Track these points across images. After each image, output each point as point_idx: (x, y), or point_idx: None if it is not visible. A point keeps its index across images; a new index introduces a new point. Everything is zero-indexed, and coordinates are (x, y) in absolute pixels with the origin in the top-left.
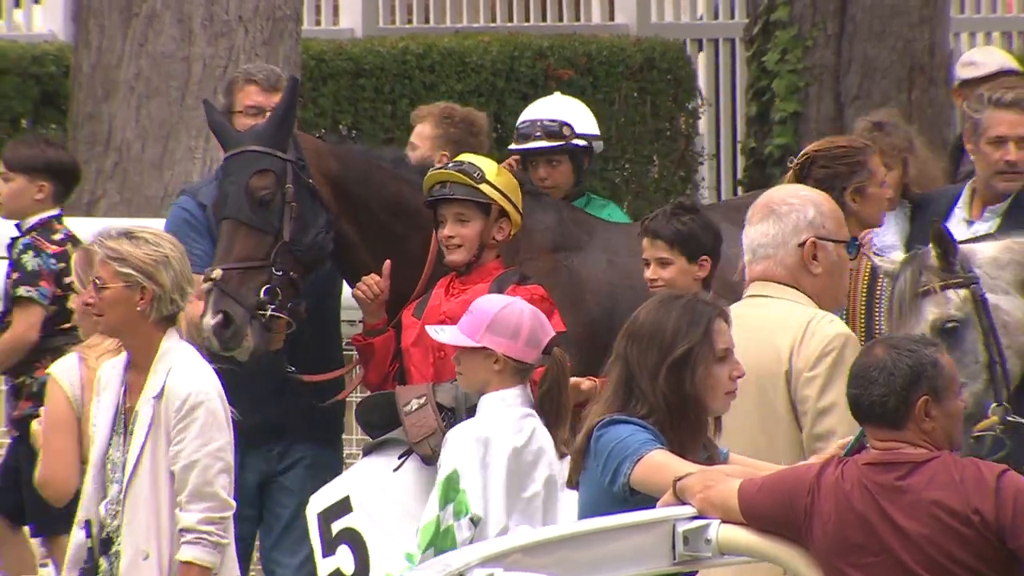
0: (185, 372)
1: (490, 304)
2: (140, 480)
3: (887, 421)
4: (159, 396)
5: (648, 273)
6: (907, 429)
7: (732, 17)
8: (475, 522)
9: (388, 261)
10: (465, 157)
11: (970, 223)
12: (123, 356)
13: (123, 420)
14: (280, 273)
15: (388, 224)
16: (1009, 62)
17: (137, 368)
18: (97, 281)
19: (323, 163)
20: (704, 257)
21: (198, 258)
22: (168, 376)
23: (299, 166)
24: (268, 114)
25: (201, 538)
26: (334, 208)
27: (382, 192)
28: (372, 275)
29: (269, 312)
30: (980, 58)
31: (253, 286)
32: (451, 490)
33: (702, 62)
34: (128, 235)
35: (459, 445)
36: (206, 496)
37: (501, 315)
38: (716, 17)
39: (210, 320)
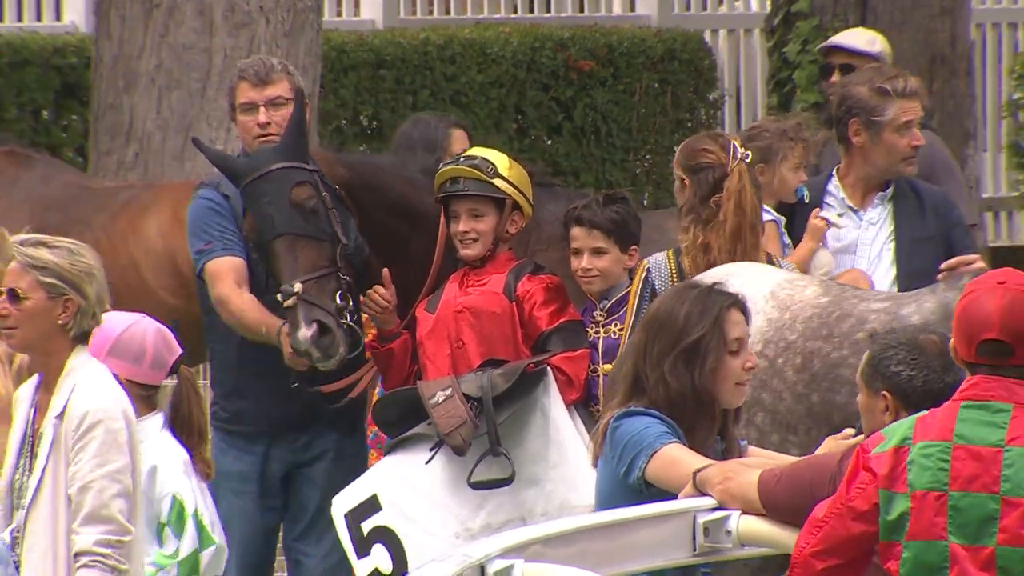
0: (87, 390)
1: (112, 326)
2: (40, 505)
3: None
4: (61, 415)
5: (582, 263)
6: None
7: (752, 8)
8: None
9: (386, 269)
10: (477, 151)
11: (857, 212)
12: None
13: (30, 443)
14: (347, 277)
15: (393, 226)
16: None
17: (47, 387)
18: (19, 291)
19: (334, 171)
20: (634, 247)
21: (231, 242)
22: (72, 394)
23: (321, 175)
24: (262, 109)
25: (97, 561)
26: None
27: (388, 195)
28: (376, 287)
29: (348, 318)
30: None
31: (330, 293)
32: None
33: (724, 53)
34: (46, 244)
35: None
36: (102, 519)
37: (123, 337)
38: (737, 8)
39: (307, 332)
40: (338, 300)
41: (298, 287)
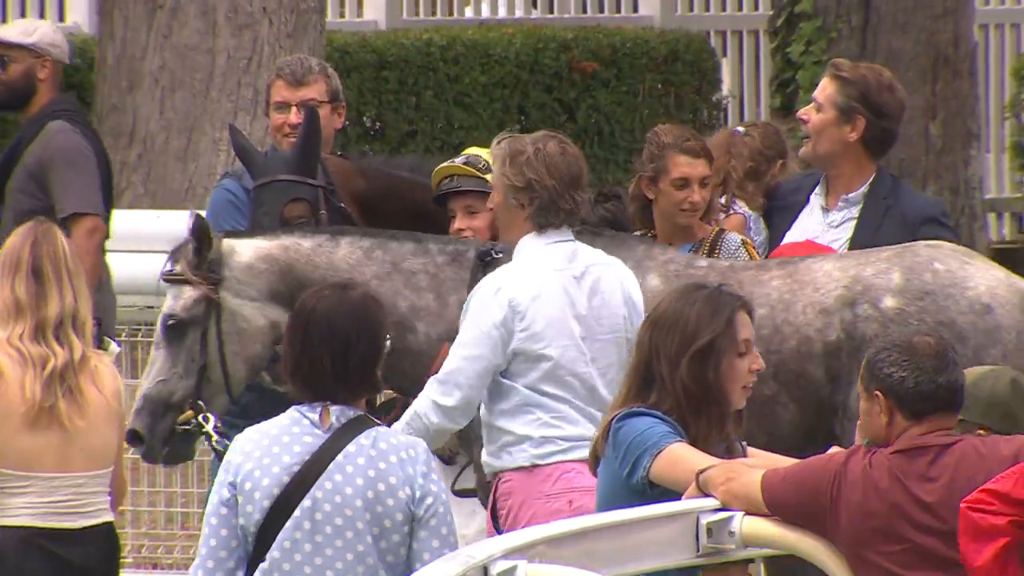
0: None
1: None
2: None
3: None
4: None
5: None
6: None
7: (756, 9)
8: None
9: None
10: (472, 150)
11: (826, 211)
12: None
13: None
14: None
15: (409, 230)
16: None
17: None
18: None
19: (351, 183)
20: None
21: None
22: None
23: (329, 191)
24: (293, 110)
25: None
26: (361, 225)
27: (404, 202)
28: None
29: None
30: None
31: None
32: None
33: (727, 54)
34: None
35: None
36: None
37: None
38: (740, 9)
39: None
40: None
41: None
